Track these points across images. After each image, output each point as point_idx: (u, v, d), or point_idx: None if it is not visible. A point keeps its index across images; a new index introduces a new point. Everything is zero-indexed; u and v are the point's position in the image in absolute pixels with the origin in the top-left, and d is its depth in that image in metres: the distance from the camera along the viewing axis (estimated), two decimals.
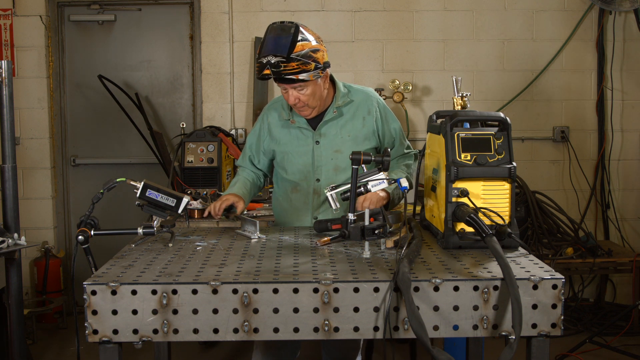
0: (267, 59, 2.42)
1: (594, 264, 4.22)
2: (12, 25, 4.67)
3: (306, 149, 2.69)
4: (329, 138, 2.68)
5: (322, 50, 2.50)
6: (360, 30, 4.73)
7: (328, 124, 2.68)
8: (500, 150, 2.09)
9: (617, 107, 4.81)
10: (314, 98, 2.56)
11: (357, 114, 2.69)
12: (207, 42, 4.73)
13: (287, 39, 2.41)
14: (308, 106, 2.59)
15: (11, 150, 3.13)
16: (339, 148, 2.67)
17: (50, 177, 4.78)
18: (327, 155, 2.68)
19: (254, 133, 2.84)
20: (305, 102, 2.55)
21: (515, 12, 4.75)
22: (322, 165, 2.68)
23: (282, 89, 2.56)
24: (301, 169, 2.70)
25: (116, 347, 1.75)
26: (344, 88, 2.72)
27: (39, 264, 4.62)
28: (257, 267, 1.90)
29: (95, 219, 2.22)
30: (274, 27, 2.48)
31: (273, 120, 2.76)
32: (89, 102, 4.88)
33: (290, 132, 2.72)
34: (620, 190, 4.87)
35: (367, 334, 1.74)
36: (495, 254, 1.78)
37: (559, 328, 1.74)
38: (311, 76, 2.45)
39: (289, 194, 2.76)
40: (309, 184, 2.70)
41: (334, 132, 2.68)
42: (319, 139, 2.68)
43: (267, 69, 2.42)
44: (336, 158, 2.67)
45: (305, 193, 2.70)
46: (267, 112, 2.80)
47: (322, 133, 2.68)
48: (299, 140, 2.70)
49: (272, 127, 2.76)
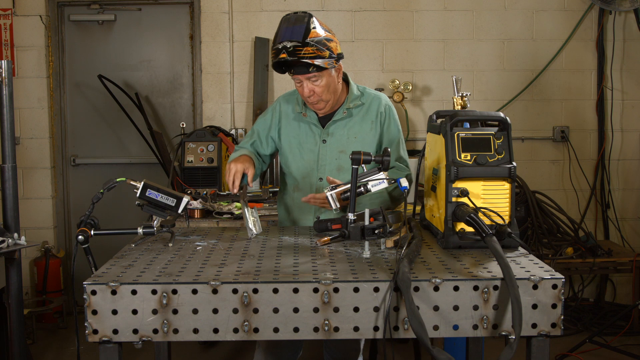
0: (282, 45, 2.43)
1: (594, 264, 4.22)
2: (12, 25, 4.67)
3: (312, 147, 2.70)
4: (335, 137, 2.68)
5: (335, 41, 2.54)
6: (360, 30, 4.73)
7: (337, 123, 2.69)
8: (500, 150, 2.09)
9: (617, 107, 4.81)
10: (328, 91, 2.57)
11: (367, 117, 2.70)
12: (207, 42, 4.73)
13: (301, 27, 2.45)
14: (322, 100, 2.60)
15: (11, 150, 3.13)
16: (344, 149, 2.67)
17: (50, 177, 4.78)
18: (332, 155, 2.68)
19: (264, 121, 2.82)
20: (320, 94, 2.57)
21: (515, 12, 4.75)
22: (325, 164, 2.68)
23: (297, 82, 2.57)
24: (305, 165, 2.71)
25: (116, 347, 1.75)
26: (357, 90, 2.73)
27: (39, 264, 4.62)
28: (257, 267, 1.90)
29: (95, 218, 2.22)
30: (288, 18, 2.51)
31: (286, 110, 2.76)
32: (89, 102, 4.88)
33: (300, 126, 2.73)
34: (620, 190, 4.87)
35: (367, 333, 1.74)
36: (495, 254, 1.78)
37: (559, 328, 1.74)
38: (326, 64, 2.47)
39: (291, 192, 2.77)
40: (311, 183, 2.70)
41: (341, 132, 2.69)
42: (326, 137, 2.68)
43: (283, 53, 2.43)
44: (340, 158, 2.68)
45: (307, 192, 2.70)
46: (282, 102, 2.80)
47: (329, 132, 2.69)
48: (307, 136, 2.71)
49: (283, 118, 2.76)
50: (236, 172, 2.52)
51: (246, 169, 2.55)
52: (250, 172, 2.55)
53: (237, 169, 2.53)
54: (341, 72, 2.65)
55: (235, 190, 2.51)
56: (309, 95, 2.57)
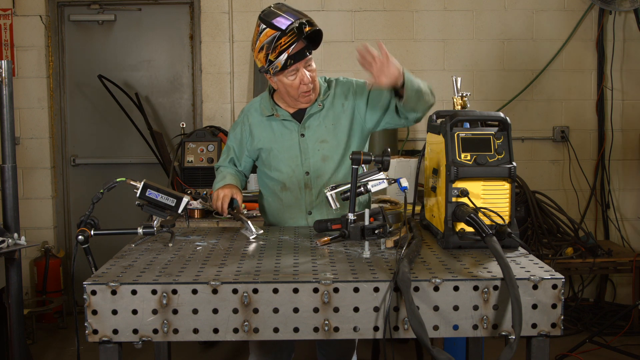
0: (299, 22, 2.42)
1: (594, 264, 4.22)
2: (12, 25, 4.67)
3: (291, 143, 2.68)
4: (312, 129, 2.67)
5: None
6: (360, 30, 4.73)
7: (313, 116, 2.68)
8: (500, 150, 2.09)
9: (617, 107, 4.81)
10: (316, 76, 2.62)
11: (336, 102, 2.69)
12: (207, 42, 4.73)
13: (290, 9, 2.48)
14: (315, 87, 2.62)
15: (11, 150, 3.13)
16: (324, 138, 2.66)
17: (50, 177, 4.79)
18: (313, 147, 2.67)
19: (234, 137, 2.81)
20: (314, 79, 2.59)
21: (515, 12, 4.75)
22: (309, 157, 2.67)
23: (291, 74, 2.54)
24: (289, 163, 2.68)
25: (116, 347, 1.75)
26: (323, 82, 2.74)
27: (39, 264, 4.62)
28: (257, 267, 1.90)
29: (95, 219, 2.22)
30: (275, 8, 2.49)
31: (254, 121, 2.74)
32: (89, 102, 4.88)
33: (273, 128, 2.70)
34: (620, 190, 4.88)
35: (367, 334, 1.74)
36: (495, 254, 1.78)
37: (559, 328, 1.74)
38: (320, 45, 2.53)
39: (278, 193, 2.73)
40: (298, 180, 2.68)
41: (316, 123, 2.68)
42: (303, 131, 2.67)
43: (307, 27, 2.42)
44: (323, 148, 2.66)
45: (296, 189, 2.69)
46: (247, 114, 2.78)
47: (306, 126, 2.68)
48: (284, 135, 2.69)
49: (254, 128, 2.74)
50: (224, 197, 2.58)
51: (234, 194, 2.60)
52: (239, 197, 2.61)
53: (224, 194, 2.58)
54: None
55: (225, 214, 2.56)
56: (309, 81, 2.55)
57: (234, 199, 2.60)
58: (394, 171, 3.85)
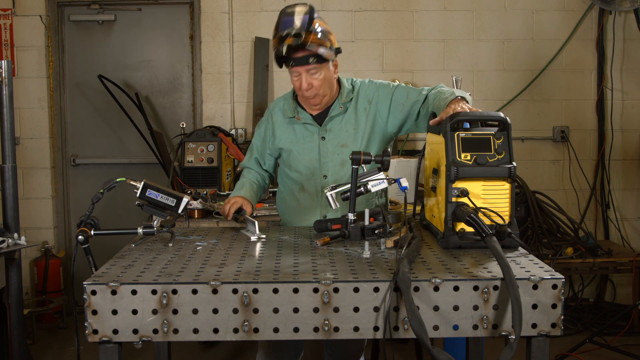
0: (286, 32, 2.44)
1: (594, 264, 4.22)
2: (12, 25, 4.67)
3: (312, 146, 2.69)
4: (334, 133, 2.67)
5: (333, 35, 2.56)
6: (360, 30, 4.73)
7: (334, 119, 2.67)
8: (500, 150, 2.09)
9: (617, 107, 4.81)
10: (325, 85, 2.57)
11: (359, 106, 2.68)
12: (207, 42, 4.73)
13: (304, 16, 2.47)
14: (319, 94, 2.59)
15: (11, 150, 3.13)
16: (345, 142, 2.66)
17: (50, 177, 4.79)
18: (332, 151, 2.67)
19: (259, 135, 2.84)
20: (318, 88, 2.56)
21: (515, 12, 4.75)
22: (328, 161, 2.67)
23: (294, 75, 2.55)
24: (307, 165, 2.70)
25: (116, 347, 1.75)
26: (348, 84, 2.72)
27: (39, 264, 4.62)
28: (257, 267, 1.90)
29: (95, 218, 2.22)
30: (289, 7, 2.51)
31: (277, 119, 2.76)
32: (89, 102, 4.88)
33: (295, 130, 2.71)
34: (620, 190, 4.87)
35: (367, 333, 1.74)
36: (495, 254, 1.78)
37: (559, 328, 1.74)
38: (328, 55, 2.49)
39: (295, 193, 2.75)
40: (316, 182, 2.69)
41: (338, 126, 2.67)
42: (324, 134, 2.67)
43: (290, 38, 2.43)
44: (342, 153, 2.66)
45: (313, 192, 2.70)
46: (272, 112, 2.80)
47: (327, 129, 2.67)
48: (305, 137, 2.70)
49: (277, 127, 2.75)
50: (234, 204, 2.62)
51: (244, 205, 2.64)
52: (248, 208, 2.64)
53: (235, 201, 2.63)
54: (337, 67, 2.65)
55: (229, 218, 2.60)
56: (307, 88, 2.55)
57: (243, 209, 2.63)
58: (394, 171, 3.85)
